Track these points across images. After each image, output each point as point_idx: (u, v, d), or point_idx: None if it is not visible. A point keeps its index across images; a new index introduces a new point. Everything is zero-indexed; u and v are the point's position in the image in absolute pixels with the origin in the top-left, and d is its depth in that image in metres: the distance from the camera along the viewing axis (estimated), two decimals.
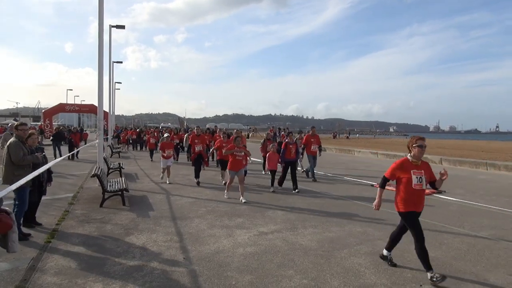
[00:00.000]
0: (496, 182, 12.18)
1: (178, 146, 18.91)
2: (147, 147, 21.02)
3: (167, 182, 10.96)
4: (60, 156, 16.66)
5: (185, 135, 18.75)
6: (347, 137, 66.23)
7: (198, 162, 11.12)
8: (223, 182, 10.58)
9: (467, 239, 5.82)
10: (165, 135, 12.43)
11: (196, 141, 11.17)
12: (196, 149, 11.08)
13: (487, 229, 6.41)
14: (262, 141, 14.44)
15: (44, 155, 6.13)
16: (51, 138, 19.44)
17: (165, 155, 11.37)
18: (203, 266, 4.60)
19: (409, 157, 4.42)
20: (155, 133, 22.63)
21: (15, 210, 5.48)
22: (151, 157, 18.69)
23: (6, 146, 5.67)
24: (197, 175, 11.02)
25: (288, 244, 5.48)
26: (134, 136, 26.64)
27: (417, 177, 4.28)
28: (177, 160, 16.13)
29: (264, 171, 13.45)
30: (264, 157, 12.97)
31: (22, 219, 5.75)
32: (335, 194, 9.22)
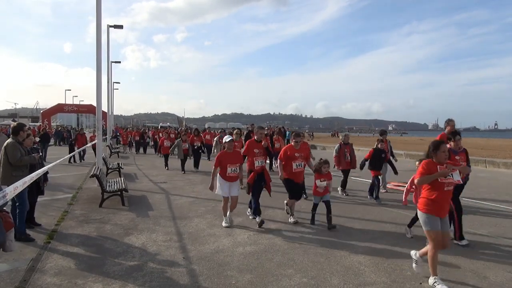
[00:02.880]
0: (495, 180, 12.20)
1: (200, 151, 14.70)
2: (160, 152, 16.68)
3: (227, 224, 6.39)
4: (44, 158, 16.22)
5: (215, 138, 15.05)
6: None
7: (259, 186, 6.65)
8: (292, 220, 6.60)
9: (466, 237, 5.81)
10: (227, 138, 6.56)
11: (256, 151, 6.67)
12: (257, 164, 6.62)
13: (486, 227, 6.42)
14: (336, 147, 9.40)
15: (40, 156, 6.12)
16: (38, 139, 18.26)
17: (228, 174, 6.34)
18: (202, 266, 4.60)
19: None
20: (170, 135, 18.21)
21: (17, 211, 5.47)
22: (166, 165, 14.73)
23: (3, 147, 5.67)
24: (258, 210, 6.50)
25: (287, 243, 5.48)
26: (137, 138, 24.47)
27: None
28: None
29: (342, 192, 9.32)
30: (344, 170, 9.22)
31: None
32: (334, 193, 9.19)
